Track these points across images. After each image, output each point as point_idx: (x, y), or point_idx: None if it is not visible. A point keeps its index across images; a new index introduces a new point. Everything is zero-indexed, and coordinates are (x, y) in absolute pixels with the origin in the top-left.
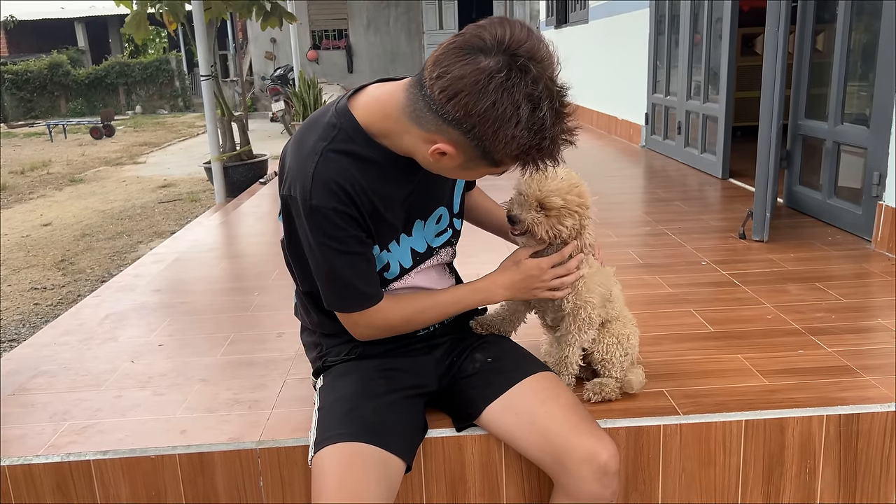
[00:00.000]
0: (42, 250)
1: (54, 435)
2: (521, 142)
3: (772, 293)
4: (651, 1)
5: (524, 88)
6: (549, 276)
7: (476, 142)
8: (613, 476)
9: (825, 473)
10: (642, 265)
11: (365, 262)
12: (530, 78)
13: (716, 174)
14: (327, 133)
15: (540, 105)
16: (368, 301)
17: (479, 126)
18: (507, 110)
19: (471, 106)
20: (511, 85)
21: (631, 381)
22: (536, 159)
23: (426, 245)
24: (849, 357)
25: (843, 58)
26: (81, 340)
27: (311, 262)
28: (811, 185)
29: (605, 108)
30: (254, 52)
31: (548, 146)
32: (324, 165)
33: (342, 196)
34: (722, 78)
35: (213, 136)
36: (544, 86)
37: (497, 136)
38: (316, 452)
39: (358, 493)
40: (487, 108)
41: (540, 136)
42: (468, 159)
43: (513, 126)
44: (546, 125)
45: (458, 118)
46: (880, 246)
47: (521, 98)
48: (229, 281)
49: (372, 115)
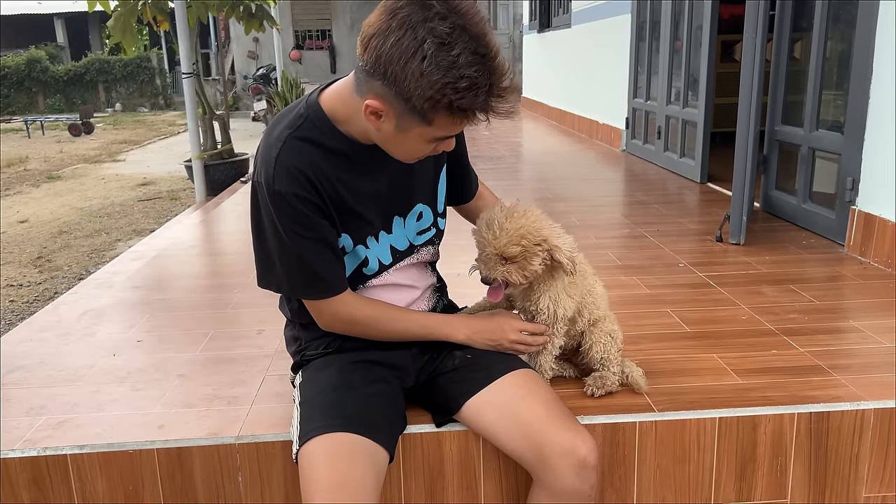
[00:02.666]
0: (18, 247)
1: (30, 429)
2: (432, 79)
3: (747, 295)
4: (633, 7)
5: (427, 23)
6: (515, 336)
7: (395, 88)
8: (592, 470)
9: (796, 470)
10: (621, 266)
11: (328, 250)
12: (434, 13)
13: (694, 178)
14: (294, 122)
15: (449, 42)
16: (331, 290)
17: (389, 66)
18: (411, 45)
19: (379, 46)
20: (414, 21)
21: (639, 382)
22: (457, 103)
23: (408, 243)
24: (820, 357)
25: (818, 65)
26: (58, 336)
27: (274, 249)
28: (787, 190)
29: (587, 112)
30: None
31: (465, 87)
32: (286, 152)
33: (304, 182)
34: (701, 84)
35: (194, 134)
36: (455, 26)
37: (405, 75)
38: (301, 445)
39: (350, 481)
40: (392, 44)
41: (454, 74)
42: (398, 115)
43: (419, 60)
44: (459, 63)
45: (373, 64)
46: (853, 250)
47: (425, 33)
48: (209, 278)
49: (334, 102)
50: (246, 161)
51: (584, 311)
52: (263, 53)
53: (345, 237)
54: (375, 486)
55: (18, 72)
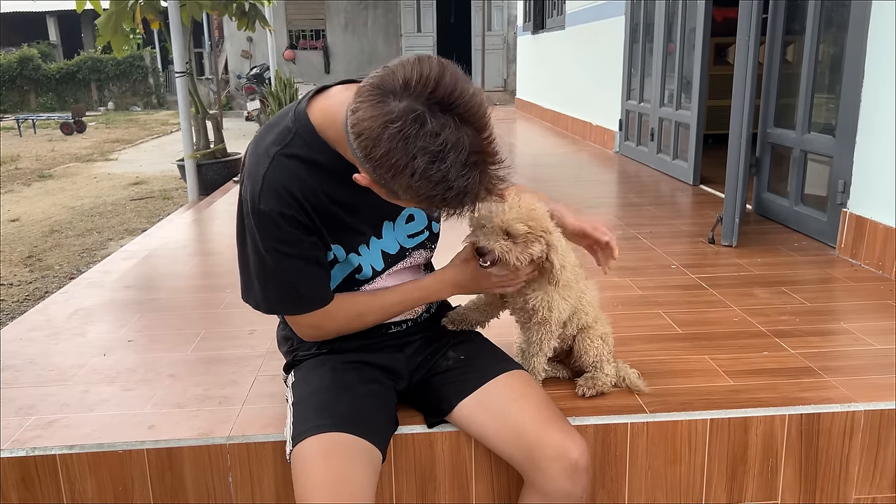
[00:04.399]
0: (9, 246)
1: (19, 429)
2: (421, 191)
3: (739, 296)
4: (627, 9)
5: (419, 141)
6: (497, 279)
7: (384, 185)
8: (584, 473)
9: (787, 471)
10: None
11: (313, 264)
12: (427, 131)
13: (687, 180)
14: (282, 137)
15: (441, 157)
16: (312, 305)
17: (377, 170)
18: (401, 161)
19: (369, 150)
20: (405, 136)
21: (638, 384)
22: (444, 206)
23: (398, 246)
24: (811, 359)
25: (810, 68)
26: (48, 336)
27: (253, 264)
28: (779, 193)
29: (580, 113)
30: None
31: (454, 197)
32: (274, 170)
33: (290, 200)
34: (694, 86)
35: (186, 133)
36: (450, 136)
37: (395, 183)
38: (295, 445)
39: (346, 480)
40: (382, 155)
41: (443, 187)
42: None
43: (408, 176)
44: (449, 177)
45: (362, 158)
46: (844, 252)
47: (416, 150)
48: (201, 278)
49: (326, 122)
50: (238, 160)
51: (574, 317)
52: (257, 53)
53: (336, 248)
54: (371, 485)
55: (10, 70)
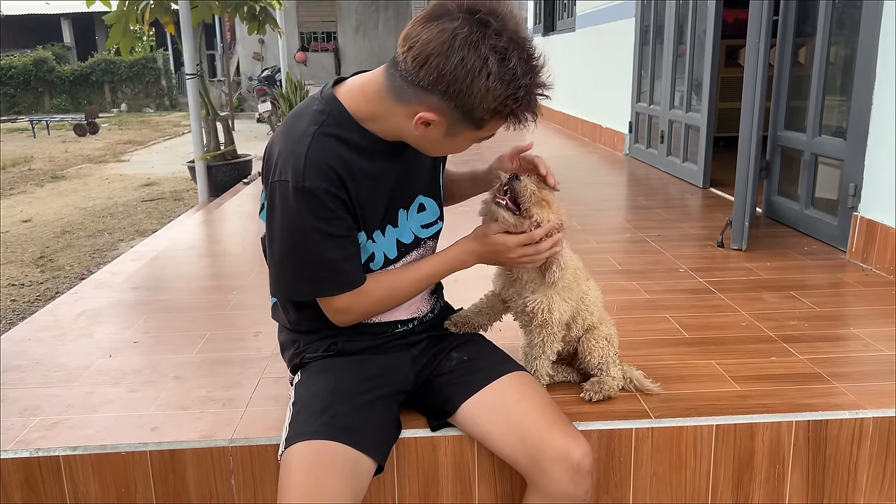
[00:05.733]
0: (21, 247)
1: (24, 430)
2: (496, 93)
3: (747, 301)
4: (637, 10)
5: (488, 41)
6: (516, 254)
7: (454, 102)
8: (586, 475)
9: (794, 478)
10: (621, 271)
11: (351, 245)
12: (492, 30)
13: (697, 183)
14: (317, 118)
15: (508, 56)
16: (351, 285)
17: (453, 85)
18: (476, 63)
19: (442, 66)
20: (475, 39)
21: (646, 384)
22: (515, 111)
23: (413, 236)
24: (820, 364)
25: (821, 70)
26: (55, 336)
27: (292, 249)
28: (789, 196)
29: (590, 116)
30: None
31: (524, 96)
32: (316, 147)
33: (333, 178)
34: (704, 88)
35: (197, 135)
36: (509, 38)
37: (472, 92)
38: (286, 448)
39: (319, 492)
40: (457, 65)
41: (514, 85)
42: (451, 124)
43: (484, 78)
44: (518, 74)
45: (433, 81)
46: (855, 256)
47: (488, 50)
48: (208, 279)
49: (357, 100)
50: (249, 162)
51: (578, 318)
52: (269, 55)
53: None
54: (352, 497)
55: (25, 72)
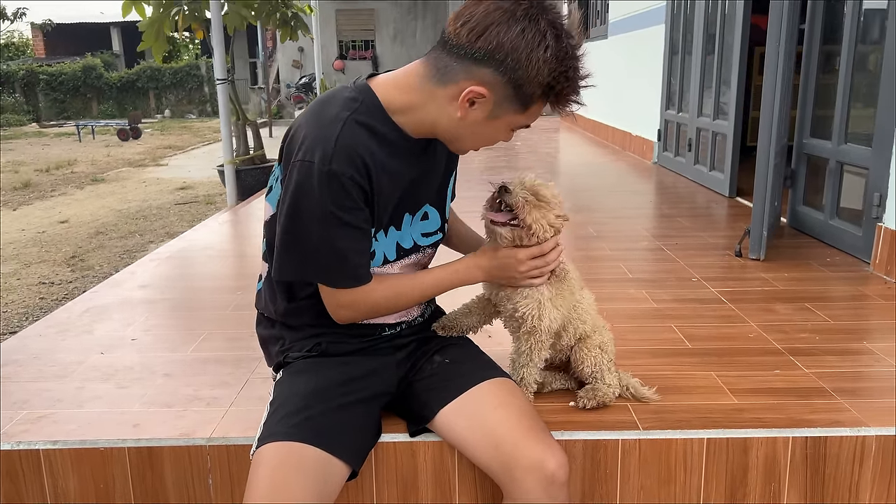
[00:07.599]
0: (55, 246)
1: (9, 423)
2: (552, 66)
3: (758, 312)
4: (667, 15)
5: (547, 16)
6: (526, 267)
7: (508, 74)
8: (561, 487)
9: (791, 497)
10: (631, 279)
11: (365, 239)
12: (549, 5)
13: (723, 192)
14: (350, 105)
15: (563, 34)
16: (359, 279)
17: (511, 54)
18: (536, 36)
19: (502, 35)
20: (536, 13)
21: (644, 393)
22: (564, 91)
23: (412, 242)
24: (826, 379)
25: (847, 78)
26: (58, 332)
27: (305, 233)
28: (814, 206)
29: (620, 123)
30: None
31: (573, 76)
32: (347, 134)
33: (360, 166)
34: (731, 95)
35: (226, 139)
36: (560, 21)
37: (530, 63)
38: (257, 448)
39: (283, 494)
40: (517, 34)
41: (567, 64)
42: (498, 102)
43: (542, 50)
44: (570, 54)
45: (491, 51)
46: (878, 268)
47: (546, 26)
48: (217, 279)
49: (390, 91)
50: None
51: (570, 327)
52: (307, 63)
53: None
54: (319, 500)
55: (75, 78)
